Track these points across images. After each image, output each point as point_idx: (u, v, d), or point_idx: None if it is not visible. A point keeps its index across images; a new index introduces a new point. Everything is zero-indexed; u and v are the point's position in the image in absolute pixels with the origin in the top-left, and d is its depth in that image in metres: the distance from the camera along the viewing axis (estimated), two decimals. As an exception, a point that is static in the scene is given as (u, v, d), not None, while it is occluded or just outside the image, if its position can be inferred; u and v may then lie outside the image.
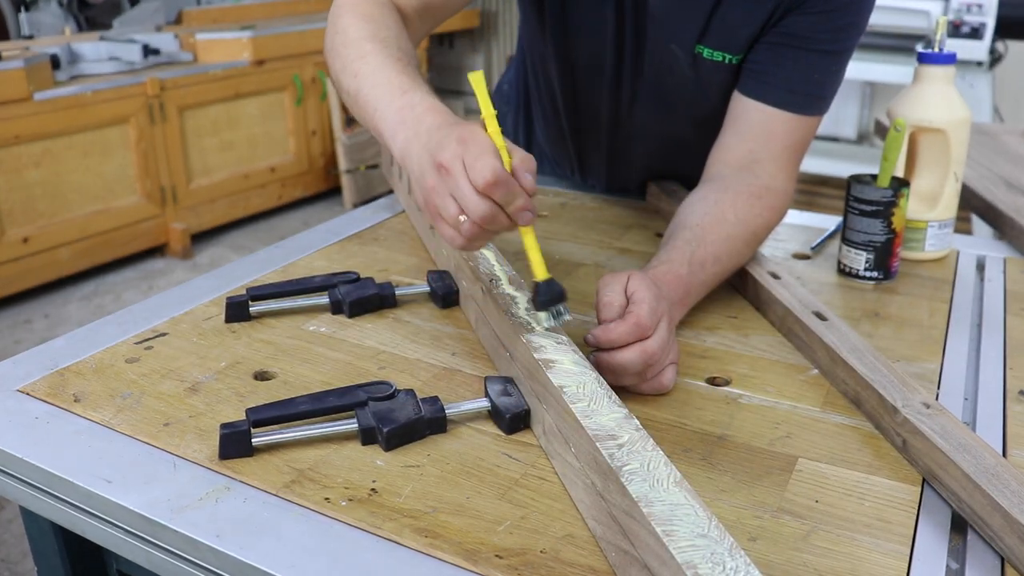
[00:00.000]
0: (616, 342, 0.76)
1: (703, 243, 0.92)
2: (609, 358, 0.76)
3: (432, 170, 0.73)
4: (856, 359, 0.79)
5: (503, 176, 0.69)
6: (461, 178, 0.70)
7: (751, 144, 1.02)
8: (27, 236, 3.25)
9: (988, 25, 3.18)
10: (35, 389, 0.79)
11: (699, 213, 0.96)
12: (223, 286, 1.02)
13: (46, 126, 3.24)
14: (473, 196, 0.70)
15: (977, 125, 1.76)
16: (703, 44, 1.04)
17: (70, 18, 4.74)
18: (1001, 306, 1.01)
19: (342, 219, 1.27)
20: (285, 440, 0.71)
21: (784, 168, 1.02)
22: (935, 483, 0.68)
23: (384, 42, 0.87)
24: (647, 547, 0.53)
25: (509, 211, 0.71)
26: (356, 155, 4.37)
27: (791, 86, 1.00)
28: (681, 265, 0.89)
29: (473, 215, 0.70)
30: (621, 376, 0.77)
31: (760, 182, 1.00)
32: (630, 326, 0.75)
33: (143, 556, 0.65)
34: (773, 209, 1.00)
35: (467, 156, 0.70)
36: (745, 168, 1.01)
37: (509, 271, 0.90)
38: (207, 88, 3.81)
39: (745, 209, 0.97)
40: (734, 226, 0.95)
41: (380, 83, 0.83)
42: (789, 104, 1.00)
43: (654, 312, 0.77)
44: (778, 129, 1.01)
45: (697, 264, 0.90)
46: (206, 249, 3.89)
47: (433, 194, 0.73)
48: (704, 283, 0.92)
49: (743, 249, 0.97)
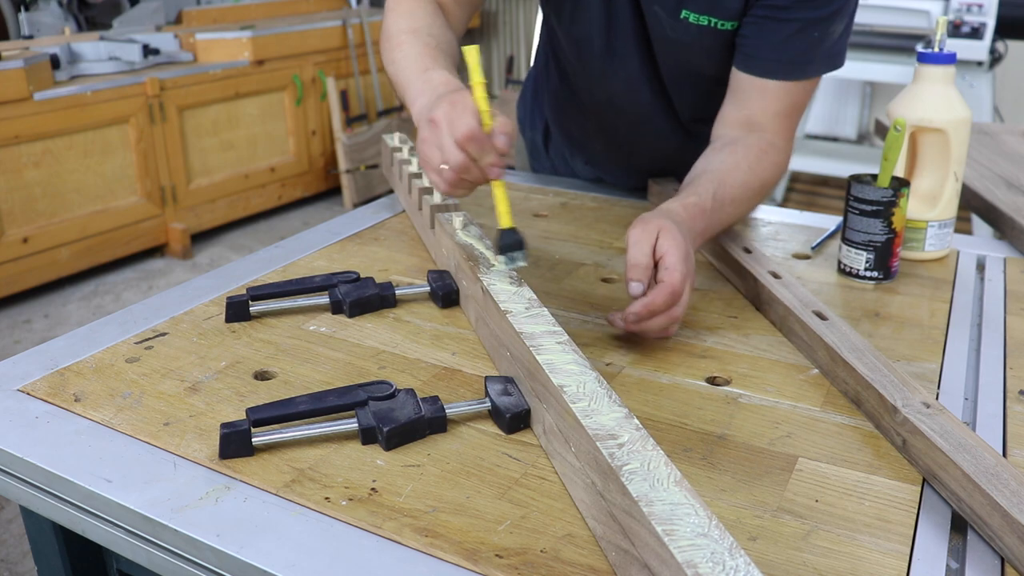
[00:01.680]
0: (656, 313, 0.85)
1: (724, 185, 1.01)
2: (639, 327, 0.86)
3: (426, 124, 0.86)
4: (856, 359, 0.79)
5: (477, 133, 0.81)
6: (445, 132, 0.83)
7: (748, 112, 1.10)
8: (27, 236, 3.25)
9: (988, 25, 3.18)
10: (35, 389, 0.80)
11: (716, 161, 1.05)
12: (223, 286, 1.02)
13: (46, 126, 3.24)
14: (452, 147, 0.82)
15: (977, 125, 1.76)
16: (687, 9, 1.08)
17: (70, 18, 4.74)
18: (1001, 306, 1.01)
19: (342, 219, 1.27)
20: (285, 440, 0.71)
21: (781, 131, 1.10)
22: (935, 483, 0.68)
23: (416, 32, 1.02)
24: (647, 546, 0.53)
25: (481, 164, 0.83)
26: (356, 155, 4.37)
27: (777, 55, 1.06)
28: (707, 199, 0.99)
29: (450, 163, 0.83)
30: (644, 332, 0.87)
31: (764, 141, 1.08)
32: (666, 296, 0.84)
33: (143, 556, 0.66)
34: (776, 165, 1.09)
35: (452, 114, 0.83)
36: (748, 130, 1.10)
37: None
38: (207, 88, 3.81)
39: (756, 161, 1.06)
40: (747, 173, 1.04)
41: (409, 66, 0.98)
42: (776, 73, 1.07)
43: (684, 278, 0.85)
44: (770, 96, 1.08)
45: (719, 202, 1.00)
46: (206, 249, 3.89)
47: (424, 144, 0.86)
48: (721, 222, 1.02)
49: (754, 197, 1.07)
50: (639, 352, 0.88)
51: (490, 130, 0.83)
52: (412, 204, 1.21)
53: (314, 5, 4.98)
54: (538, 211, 1.31)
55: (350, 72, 4.48)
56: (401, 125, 4.62)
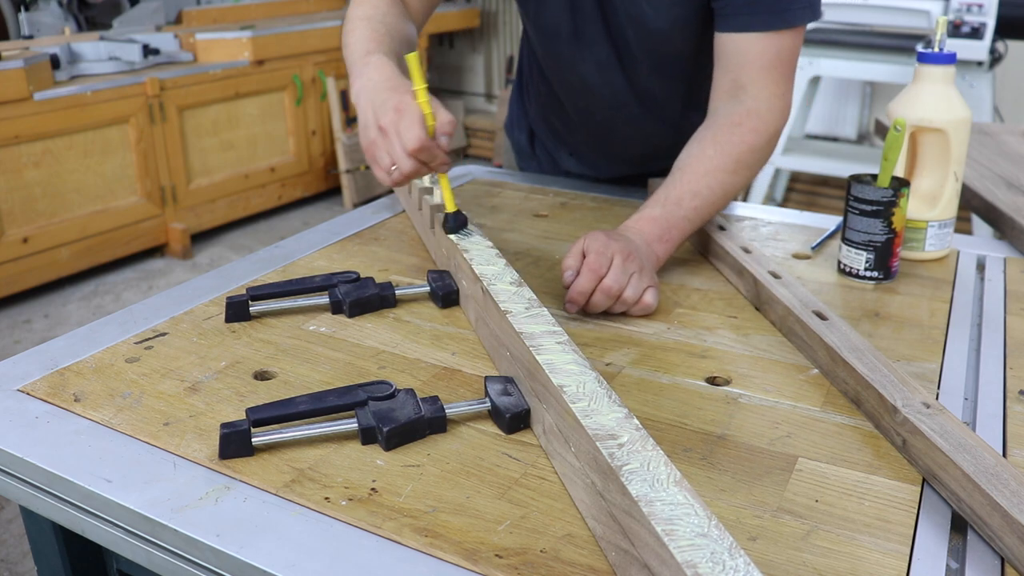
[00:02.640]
0: (585, 293, 0.92)
1: (679, 182, 1.04)
2: (586, 307, 0.94)
3: (375, 129, 0.93)
4: (856, 359, 0.79)
5: (426, 143, 0.90)
6: (395, 141, 0.91)
7: (733, 73, 1.09)
8: (27, 236, 3.25)
9: (988, 25, 3.18)
10: (35, 389, 0.80)
11: (682, 157, 1.07)
12: (223, 286, 1.02)
13: (46, 126, 3.24)
14: (403, 156, 0.91)
15: (977, 125, 1.76)
16: None
17: (70, 18, 4.74)
18: (1001, 306, 1.01)
19: (342, 219, 1.27)
20: (285, 440, 0.71)
21: (767, 87, 1.08)
22: (935, 483, 0.68)
23: (369, 19, 1.08)
24: (647, 546, 0.53)
25: (431, 167, 0.93)
26: (356, 155, 4.37)
27: (751, 8, 1.06)
28: (654, 208, 1.03)
29: (402, 169, 0.92)
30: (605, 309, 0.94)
31: (743, 108, 1.07)
32: (586, 274, 0.92)
33: (143, 556, 0.66)
34: (756, 131, 1.07)
35: (400, 124, 0.90)
36: (731, 97, 1.09)
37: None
38: (207, 88, 3.81)
39: (725, 138, 1.06)
40: (713, 159, 1.05)
41: (356, 49, 1.04)
42: (753, 25, 1.06)
43: (601, 254, 0.92)
44: (752, 51, 1.07)
45: (672, 202, 1.03)
46: (206, 249, 3.89)
47: (373, 147, 0.94)
48: (686, 217, 1.03)
49: (729, 178, 1.06)
50: (639, 352, 0.88)
51: (433, 132, 0.91)
52: (412, 204, 1.21)
53: (314, 5, 4.98)
54: (538, 211, 1.31)
55: (350, 72, 4.47)
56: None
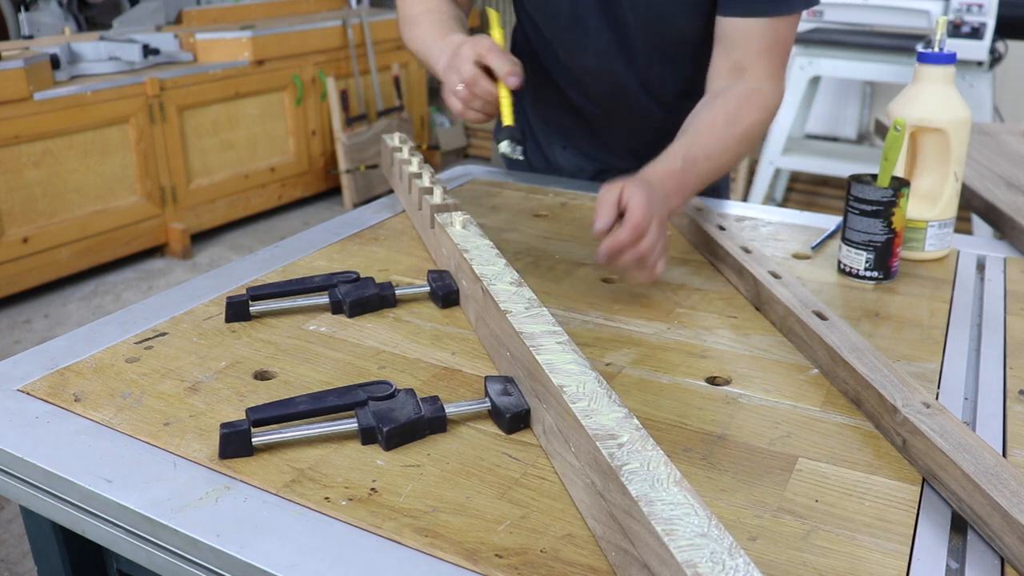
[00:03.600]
0: (623, 248, 0.91)
1: (695, 143, 1.06)
2: (614, 264, 0.93)
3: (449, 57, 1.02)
4: (856, 359, 0.79)
5: (495, 46, 0.98)
6: (464, 56, 0.99)
7: (734, 56, 1.13)
8: (27, 236, 3.25)
9: (988, 25, 3.18)
10: (35, 389, 0.80)
11: (694, 120, 1.09)
12: (223, 286, 1.02)
13: (46, 126, 3.24)
14: (467, 64, 0.99)
15: (977, 125, 1.76)
16: None
17: (70, 18, 4.74)
18: (1001, 306, 1.01)
19: (342, 219, 1.27)
20: (285, 440, 0.71)
21: (768, 70, 1.12)
22: (935, 483, 0.68)
23: (429, 12, 1.18)
24: (647, 546, 0.53)
25: (500, 75, 0.99)
26: (356, 155, 4.37)
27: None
28: (675, 161, 1.03)
29: (463, 77, 0.98)
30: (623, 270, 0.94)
31: (747, 87, 1.11)
32: (629, 231, 0.90)
33: (143, 556, 0.66)
34: (762, 108, 1.11)
35: (473, 42, 1.00)
36: (733, 78, 1.13)
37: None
38: (207, 88, 3.81)
39: (735, 109, 1.09)
40: (725, 127, 1.08)
41: (428, 38, 1.13)
42: (753, 10, 1.10)
43: (647, 214, 0.91)
44: (752, 35, 1.11)
45: (690, 160, 1.04)
46: (206, 249, 3.89)
47: (446, 73, 1.01)
48: (699, 176, 1.05)
49: (736, 147, 1.09)
50: (639, 352, 0.88)
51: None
52: (412, 204, 1.21)
53: (314, 5, 4.98)
54: (538, 211, 1.31)
55: (350, 72, 4.48)
56: (401, 125, 4.62)
